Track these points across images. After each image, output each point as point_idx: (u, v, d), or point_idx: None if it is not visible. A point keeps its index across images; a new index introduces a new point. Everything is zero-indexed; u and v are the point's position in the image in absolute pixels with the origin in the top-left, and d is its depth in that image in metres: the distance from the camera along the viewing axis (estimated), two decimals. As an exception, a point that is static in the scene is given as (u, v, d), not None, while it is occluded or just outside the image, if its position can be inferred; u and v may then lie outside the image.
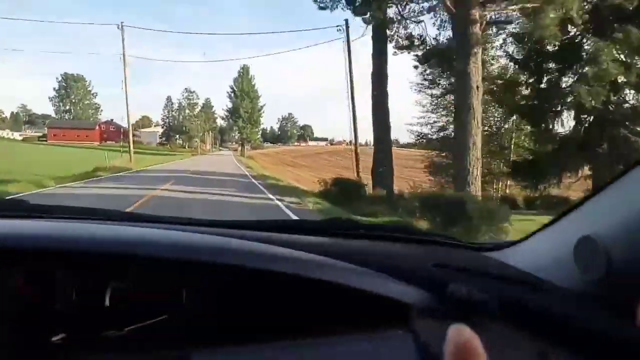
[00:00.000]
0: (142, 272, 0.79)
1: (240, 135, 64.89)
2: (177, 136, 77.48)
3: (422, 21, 13.46)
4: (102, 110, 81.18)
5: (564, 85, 13.21)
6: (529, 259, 0.83)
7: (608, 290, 0.64)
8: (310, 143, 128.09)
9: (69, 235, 0.83)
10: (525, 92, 14.45)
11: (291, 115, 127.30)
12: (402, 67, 21.30)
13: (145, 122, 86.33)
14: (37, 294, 0.75)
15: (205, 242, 0.86)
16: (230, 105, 65.46)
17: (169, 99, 79.58)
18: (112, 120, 75.66)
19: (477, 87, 8.89)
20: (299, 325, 0.69)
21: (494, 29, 13.83)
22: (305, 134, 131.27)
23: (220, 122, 78.17)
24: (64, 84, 77.01)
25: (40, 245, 0.78)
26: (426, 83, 17.88)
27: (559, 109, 13.25)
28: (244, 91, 63.53)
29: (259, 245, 0.85)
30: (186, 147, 74.99)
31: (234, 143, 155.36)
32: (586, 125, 13.07)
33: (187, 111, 76.35)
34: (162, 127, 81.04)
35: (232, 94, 64.62)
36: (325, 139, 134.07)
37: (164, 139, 78.21)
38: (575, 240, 0.67)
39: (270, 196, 11.70)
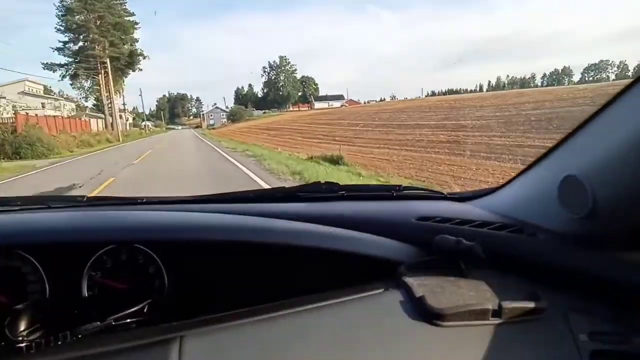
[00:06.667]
0: (118, 257, 0.76)
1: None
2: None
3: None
4: None
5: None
6: (511, 204, 0.83)
7: (593, 227, 0.64)
8: (318, 105, 78.93)
9: (32, 227, 0.79)
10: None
11: (285, 60, 76.30)
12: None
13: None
14: (4, 293, 0.72)
15: (182, 220, 0.82)
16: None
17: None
18: None
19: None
20: (289, 295, 0.67)
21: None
22: (307, 91, 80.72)
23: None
24: None
25: (2, 241, 0.74)
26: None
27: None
28: None
29: (241, 218, 0.82)
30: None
31: (190, 117, 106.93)
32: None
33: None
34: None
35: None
36: (340, 97, 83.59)
37: None
38: (558, 180, 0.67)
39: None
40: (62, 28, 33.40)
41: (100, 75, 35.46)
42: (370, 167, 11.11)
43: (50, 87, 51.01)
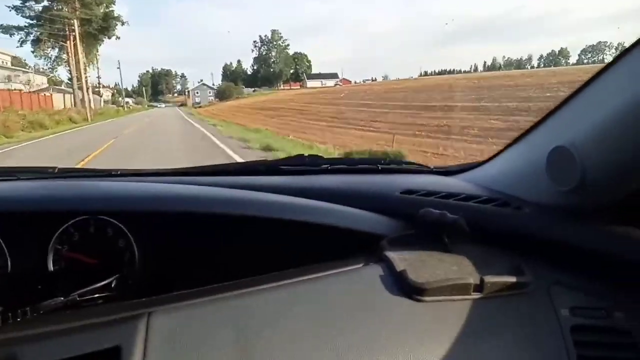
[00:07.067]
0: (86, 230, 0.72)
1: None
2: None
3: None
4: None
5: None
6: (497, 178, 0.82)
7: (581, 200, 0.63)
8: (310, 84, 74.67)
9: None
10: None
11: (277, 35, 71.05)
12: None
13: None
14: None
15: (155, 191, 0.79)
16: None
17: None
18: None
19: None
20: (268, 270, 0.64)
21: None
22: (299, 69, 75.78)
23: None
24: None
25: None
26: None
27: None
28: None
29: (218, 189, 0.80)
30: None
31: (175, 94, 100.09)
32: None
33: None
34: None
35: None
36: (334, 75, 79.21)
37: None
38: (547, 152, 0.66)
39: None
40: (22, -18, 27.83)
41: (68, 42, 29.31)
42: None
43: (25, 60, 44.89)
